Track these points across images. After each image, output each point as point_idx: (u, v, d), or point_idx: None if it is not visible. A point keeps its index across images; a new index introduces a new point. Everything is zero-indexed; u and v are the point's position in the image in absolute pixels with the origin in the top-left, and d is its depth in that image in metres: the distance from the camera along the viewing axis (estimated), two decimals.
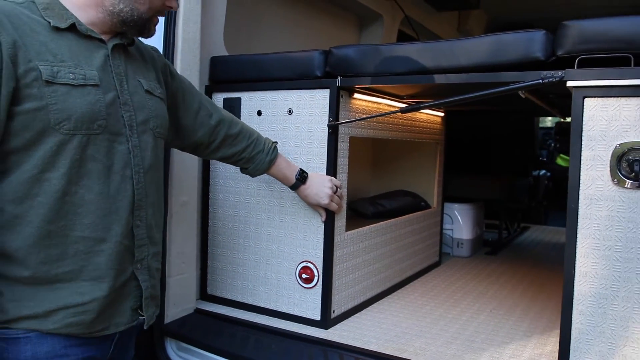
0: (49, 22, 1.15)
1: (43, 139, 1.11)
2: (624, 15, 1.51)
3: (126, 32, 1.28)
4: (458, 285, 2.68)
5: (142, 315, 1.29)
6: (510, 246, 3.82)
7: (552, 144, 5.26)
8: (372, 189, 3.15)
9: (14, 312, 1.11)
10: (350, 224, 2.12)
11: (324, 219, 1.93)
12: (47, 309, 1.12)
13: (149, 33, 1.32)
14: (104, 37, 1.24)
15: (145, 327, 1.31)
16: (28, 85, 1.08)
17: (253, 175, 1.79)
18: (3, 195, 1.10)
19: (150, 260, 1.30)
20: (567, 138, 4.99)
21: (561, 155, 5.46)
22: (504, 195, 3.51)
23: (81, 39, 1.20)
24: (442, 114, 2.92)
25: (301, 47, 3.23)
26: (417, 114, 2.61)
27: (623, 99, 1.47)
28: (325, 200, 1.85)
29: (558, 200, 5.16)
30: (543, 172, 4.16)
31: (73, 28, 1.18)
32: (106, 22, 1.24)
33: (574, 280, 1.55)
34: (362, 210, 2.70)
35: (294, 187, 1.85)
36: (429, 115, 2.76)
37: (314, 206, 1.92)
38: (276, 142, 1.83)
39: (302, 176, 1.83)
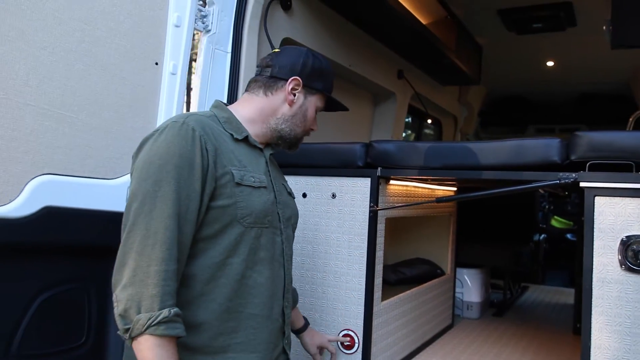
0: (231, 134, 1.44)
1: (228, 230, 1.34)
2: (627, 130, 1.83)
3: (278, 145, 1.58)
4: (473, 347, 2.91)
5: None
6: (514, 307, 4.06)
7: (547, 206, 5.59)
8: (389, 257, 3.40)
9: None
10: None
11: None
12: None
13: (297, 149, 1.63)
14: (260, 146, 1.53)
15: None
16: (223, 185, 1.34)
17: None
18: (192, 276, 1.31)
19: (290, 336, 1.52)
20: (560, 201, 5.34)
21: (555, 217, 5.79)
22: (510, 261, 3.79)
23: (250, 147, 1.49)
24: (455, 189, 3.21)
25: (324, 121, 3.54)
26: (436, 191, 2.90)
27: (627, 199, 1.77)
28: (332, 337, 2.05)
29: (554, 260, 5.46)
30: (543, 236, 4.46)
31: (245, 139, 1.47)
32: (266, 135, 1.54)
33: (590, 352, 1.80)
34: (384, 277, 2.94)
35: (303, 327, 1.90)
36: (444, 191, 3.05)
37: (317, 347, 1.93)
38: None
39: (306, 323, 1.93)
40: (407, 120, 5.29)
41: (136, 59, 1.92)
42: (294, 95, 1.54)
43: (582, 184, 1.82)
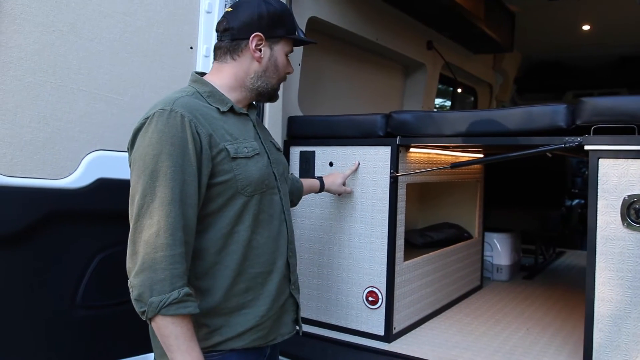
0: (218, 108, 1.49)
1: (232, 202, 1.44)
2: (630, 94, 1.91)
3: (260, 101, 1.64)
4: (498, 306, 3.06)
5: (298, 325, 1.67)
6: (546, 271, 4.16)
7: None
8: (420, 222, 3.56)
9: (217, 339, 1.43)
10: (405, 254, 2.54)
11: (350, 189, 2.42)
12: (240, 331, 1.46)
13: (276, 98, 1.67)
14: (245, 111, 1.58)
15: (300, 334, 1.69)
16: (220, 163, 1.41)
17: (297, 202, 2.10)
18: (205, 248, 1.43)
19: (298, 281, 1.68)
20: None
21: None
22: (538, 225, 3.87)
23: (236, 116, 1.54)
24: (481, 156, 3.32)
25: (356, 95, 3.70)
26: (461, 158, 3.02)
27: (630, 160, 1.87)
28: (343, 188, 2.35)
29: None
30: (577, 201, 4.49)
31: (231, 109, 1.52)
32: (247, 97, 1.59)
33: (594, 304, 1.93)
34: (412, 241, 3.11)
35: (322, 185, 2.25)
36: (468, 158, 3.17)
37: (339, 190, 2.35)
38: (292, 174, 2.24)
39: (320, 178, 2.27)
40: (443, 89, 5.35)
41: (173, 44, 2.13)
42: (260, 50, 1.55)
43: (586, 147, 1.93)
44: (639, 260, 1.85)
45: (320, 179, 2.27)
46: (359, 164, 2.43)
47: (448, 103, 5.72)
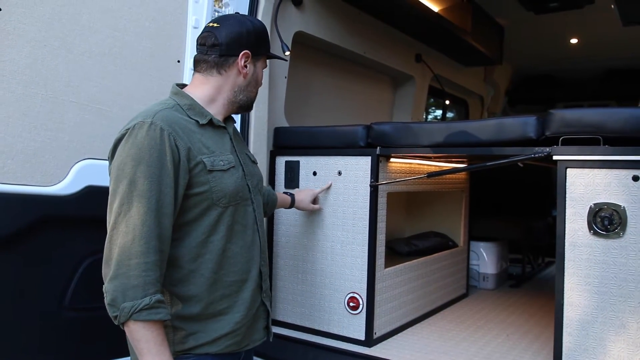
0: (197, 121, 1.55)
1: (207, 212, 1.50)
2: (596, 107, 2.00)
3: (238, 113, 1.72)
4: (481, 314, 3.12)
5: (269, 332, 1.74)
6: (534, 280, 4.22)
7: None
8: (406, 230, 3.63)
9: (193, 343, 1.50)
10: (388, 262, 2.61)
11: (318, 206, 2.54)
12: (215, 337, 1.52)
13: (252, 108, 1.76)
14: (223, 124, 1.64)
15: (271, 340, 1.76)
16: (197, 175, 1.48)
17: (269, 213, 2.22)
18: (181, 256, 1.49)
19: (269, 289, 1.75)
20: None
21: None
22: (525, 235, 3.94)
23: (214, 129, 1.59)
24: (462, 166, 3.39)
25: (345, 107, 3.79)
26: (443, 168, 3.10)
27: (595, 170, 1.94)
28: (312, 206, 2.48)
29: None
30: None
31: (210, 121, 1.58)
32: (227, 110, 1.65)
33: (563, 308, 2.00)
34: (398, 249, 3.18)
35: (293, 200, 2.36)
36: (447, 169, 3.25)
37: (308, 208, 2.47)
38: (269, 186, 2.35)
39: (292, 194, 2.38)
40: (440, 101, 5.45)
41: (160, 58, 2.22)
42: (246, 67, 1.63)
43: (555, 157, 2.01)
44: (604, 266, 1.92)
45: (292, 195, 2.37)
46: (331, 183, 2.53)
47: (439, 115, 5.81)
